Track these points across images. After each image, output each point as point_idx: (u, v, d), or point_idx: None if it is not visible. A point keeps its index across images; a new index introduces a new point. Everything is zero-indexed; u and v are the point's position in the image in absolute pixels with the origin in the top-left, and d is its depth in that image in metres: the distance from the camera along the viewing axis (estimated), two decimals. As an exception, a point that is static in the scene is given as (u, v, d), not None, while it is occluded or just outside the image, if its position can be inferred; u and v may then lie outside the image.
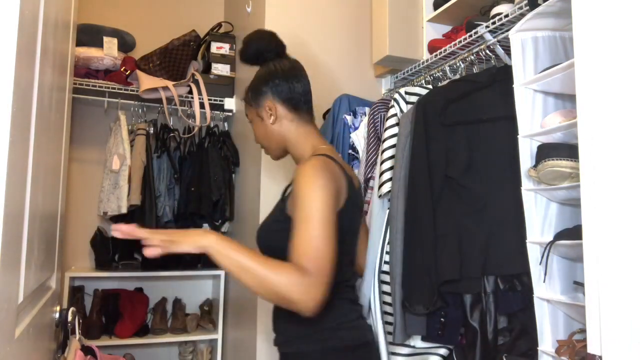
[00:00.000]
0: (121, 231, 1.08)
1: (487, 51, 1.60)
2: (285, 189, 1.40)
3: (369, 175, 1.74)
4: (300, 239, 1.06)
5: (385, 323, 1.55)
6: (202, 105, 2.50)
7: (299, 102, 1.30)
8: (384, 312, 1.55)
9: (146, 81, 2.40)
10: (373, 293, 1.55)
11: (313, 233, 1.06)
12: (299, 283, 1.01)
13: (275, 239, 1.22)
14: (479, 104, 1.47)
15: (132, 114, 2.52)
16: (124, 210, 2.29)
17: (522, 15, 1.40)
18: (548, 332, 1.26)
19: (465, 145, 1.44)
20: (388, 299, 1.54)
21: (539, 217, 1.30)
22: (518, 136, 1.31)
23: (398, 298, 1.47)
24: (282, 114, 1.29)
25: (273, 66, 1.32)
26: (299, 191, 1.11)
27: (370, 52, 2.08)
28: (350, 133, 1.92)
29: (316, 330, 1.17)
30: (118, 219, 2.44)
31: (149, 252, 1.08)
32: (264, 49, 1.34)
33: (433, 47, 1.92)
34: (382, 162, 1.62)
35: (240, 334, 2.28)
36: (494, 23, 1.56)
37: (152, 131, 2.50)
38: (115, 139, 2.41)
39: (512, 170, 1.33)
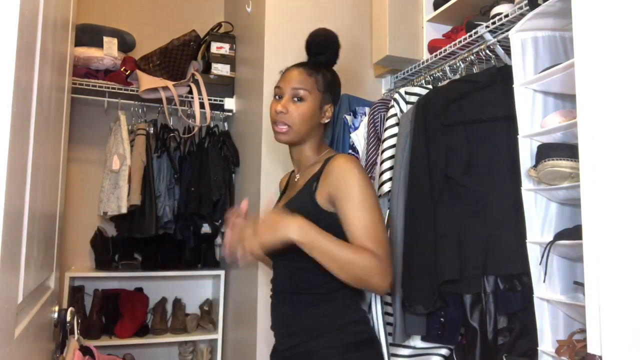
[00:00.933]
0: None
1: (487, 51, 1.60)
2: (285, 186, 1.45)
3: (369, 175, 1.74)
4: (364, 226, 1.14)
5: (386, 324, 1.55)
6: (202, 105, 2.49)
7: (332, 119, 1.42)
8: (384, 313, 1.55)
9: (146, 81, 2.40)
10: (374, 295, 1.55)
11: (374, 219, 1.16)
12: (376, 267, 1.11)
13: None
14: (479, 104, 1.47)
15: (132, 114, 2.52)
16: (124, 210, 2.29)
17: (522, 15, 1.40)
18: (548, 332, 1.25)
19: (465, 145, 1.44)
20: (388, 299, 1.54)
21: (539, 217, 1.30)
22: (518, 136, 1.31)
23: (398, 298, 1.47)
24: (327, 119, 1.37)
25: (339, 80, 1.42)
26: (347, 182, 1.18)
27: (370, 52, 2.08)
28: (350, 133, 1.92)
29: (344, 323, 1.22)
30: (118, 219, 2.44)
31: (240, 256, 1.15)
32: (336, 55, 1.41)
33: (433, 47, 1.92)
34: (382, 162, 1.62)
35: (240, 334, 2.28)
36: (494, 23, 1.56)
37: (152, 131, 2.50)
38: (115, 139, 2.41)
39: (512, 170, 1.33)
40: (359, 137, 1.90)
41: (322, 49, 1.36)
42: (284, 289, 1.29)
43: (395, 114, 1.67)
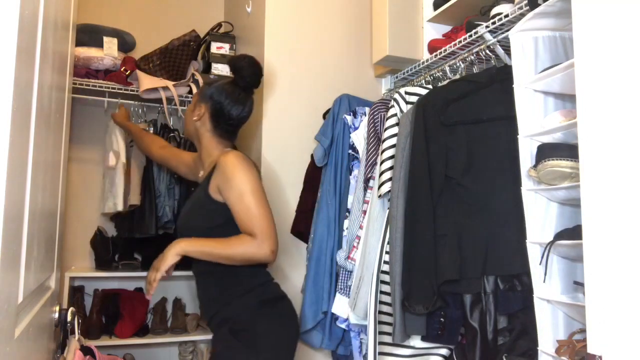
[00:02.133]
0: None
1: (487, 51, 1.60)
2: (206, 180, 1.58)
3: (369, 175, 1.74)
4: (241, 212, 1.41)
5: (381, 323, 1.55)
6: (202, 105, 2.49)
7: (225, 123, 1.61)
8: (380, 312, 1.55)
9: (146, 81, 2.40)
10: (370, 293, 1.55)
11: (249, 204, 1.41)
12: (252, 245, 1.38)
13: (195, 218, 1.54)
14: (479, 104, 1.47)
15: (132, 114, 2.52)
16: (120, 207, 2.29)
17: (522, 15, 1.40)
18: (548, 332, 1.25)
19: (465, 145, 1.44)
20: (387, 299, 1.54)
21: (539, 217, 1.30)
22: (518, 136, 1.31)
23: (398, 298, 1.47)
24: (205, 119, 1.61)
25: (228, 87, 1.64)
26: (229, 176, 1.44)
27: (370, 52, 2.08)
28: (350, 133, 1.92)
29: (251, 287, 1.49)
30: (118, 219, 2.44)
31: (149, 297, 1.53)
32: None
33: (433, 47, 1.92)
34: (382, 162, 1.62)
35: (240, 334, 2.28)
36: (494, 23, 1.56)
37: (152, 131, 2.50)
38: (110, 136, 2.42)
39: (512, 170, 1.33)
40: (359, 137, 1.90)
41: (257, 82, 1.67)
42: (197, 273, 1.59)
43: (395, 114, 1.67)
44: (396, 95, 1.70)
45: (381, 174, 1.61)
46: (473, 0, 1.75)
